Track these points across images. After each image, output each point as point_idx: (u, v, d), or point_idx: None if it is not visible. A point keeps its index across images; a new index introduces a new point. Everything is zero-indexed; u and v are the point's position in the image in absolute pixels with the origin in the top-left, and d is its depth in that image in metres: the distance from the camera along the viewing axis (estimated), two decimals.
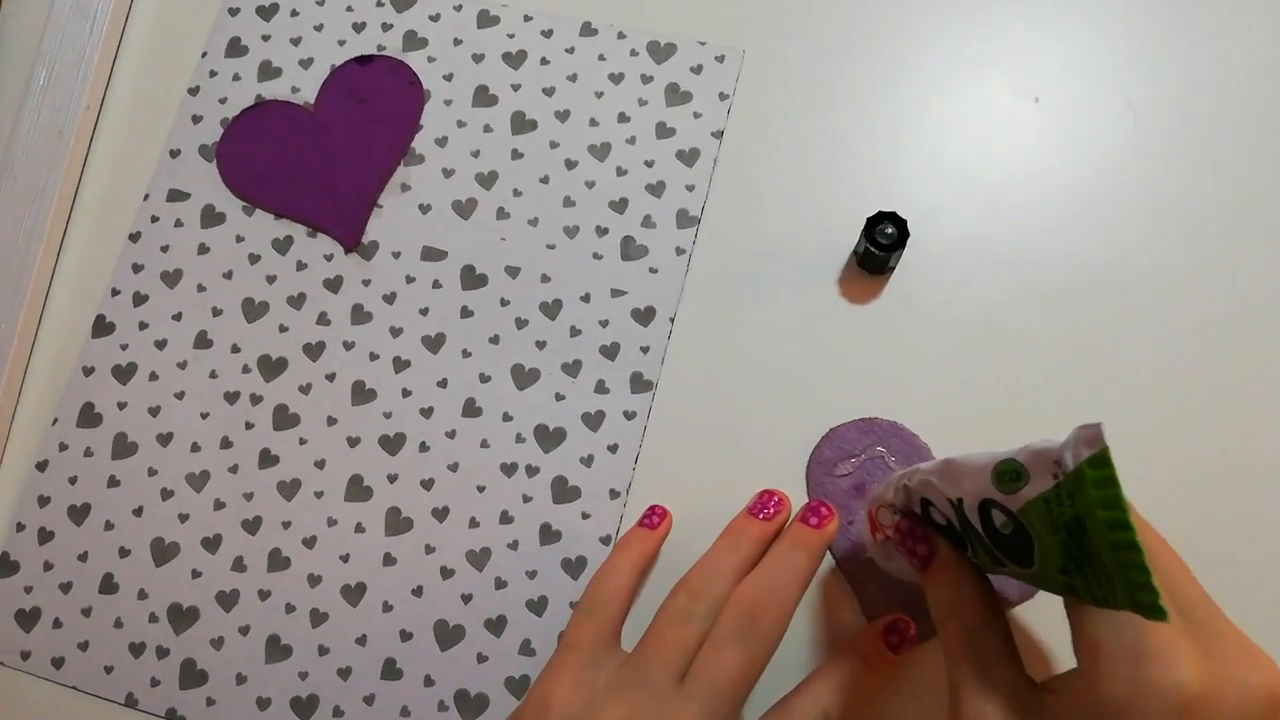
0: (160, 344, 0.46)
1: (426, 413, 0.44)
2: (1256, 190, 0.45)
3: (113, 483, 0.44)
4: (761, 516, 0.38)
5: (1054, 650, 0.39)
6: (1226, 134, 0.46)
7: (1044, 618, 0.39)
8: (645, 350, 0.44)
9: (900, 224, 0.42)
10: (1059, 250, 0.45)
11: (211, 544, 0.43)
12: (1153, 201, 0.45)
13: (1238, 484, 0.41)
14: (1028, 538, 0.27)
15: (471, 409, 0.44)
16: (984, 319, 0.44)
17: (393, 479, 0.43)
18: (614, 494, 0.43)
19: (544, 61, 0.49)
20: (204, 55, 0.50)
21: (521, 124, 0.48)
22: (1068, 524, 0.25)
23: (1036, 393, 0.43)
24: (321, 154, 0.48)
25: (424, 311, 0.45)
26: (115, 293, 0.47)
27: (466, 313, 0.45)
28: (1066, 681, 0.29)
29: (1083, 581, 0.26)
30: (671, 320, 0.45)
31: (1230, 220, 0.45)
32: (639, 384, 0.44)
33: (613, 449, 0.43)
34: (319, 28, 0.50)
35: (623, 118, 0.48)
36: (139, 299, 0.47)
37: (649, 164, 0.47)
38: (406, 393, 0.44)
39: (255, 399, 0.45)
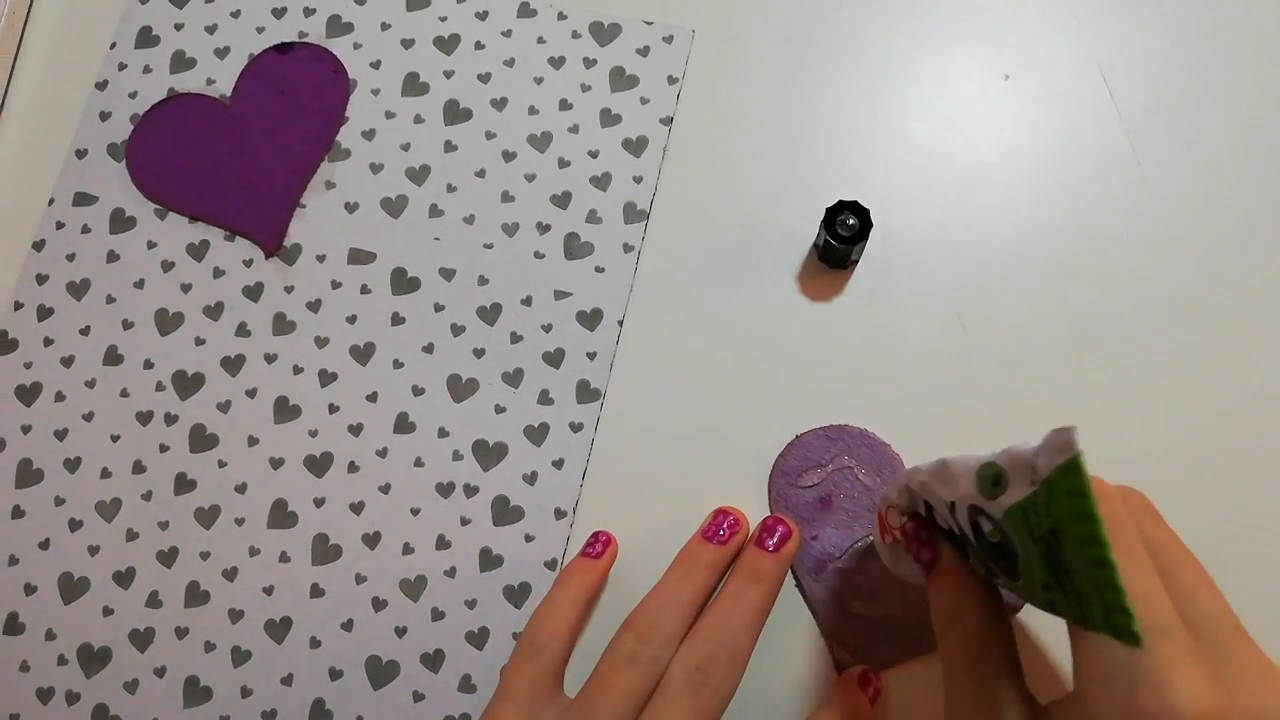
0: (67, 361, 0.42)
1: (355, 430, 0.41)
2: (1240, 164, 0.42)
3: (17, 513, 0.41)
4: (716, 541, 0.34)
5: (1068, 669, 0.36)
6: (1207, 105, 0.43)
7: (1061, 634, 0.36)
8: (592, 356, 0.41)
9: (862, 214, 0.39)
10: (1035, 236, 0.41)
11: (124, 578, 0.40)
12: (1133, 179, 0.42)
13: (1231, 475, 0.38)
14: (1014, 548, 0.25)
15: (404, 424, 0.41)
16: (956, 312, 0.41)
17: (319, 503, 0.40)
18: (560, 514, 0.39)
19: (479, 46, 0.45)
20: (113, 46, 0.46)
21: (455, 114, 0.44)
22: (1045, 535, 0.23)
23: (1017, 390, 0.40)
24: (239, 150, 0.44)
25: (351, 319, 0.42)
26: (18, 306, 0.43)
27: (398, 320, 0.42)
28: (1063, 705, 0.26)
29: (1064, 598, 0.24)
30: (620, 323, 0.41)
31: (1215, 198, 0.42)
32: (585, 393, 0.41)
33: (558, 465, 0.40)
34: (236, 14, 0.46)
35: (564, 105, 0.44)
36: (44, 312, 0.43)
37: (593, 154, 0.43)
38: (333, 408, 0.41)
39: (170, 419, 0.41)
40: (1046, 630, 0.36)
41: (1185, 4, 0.44)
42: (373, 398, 0.41)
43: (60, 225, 0.44)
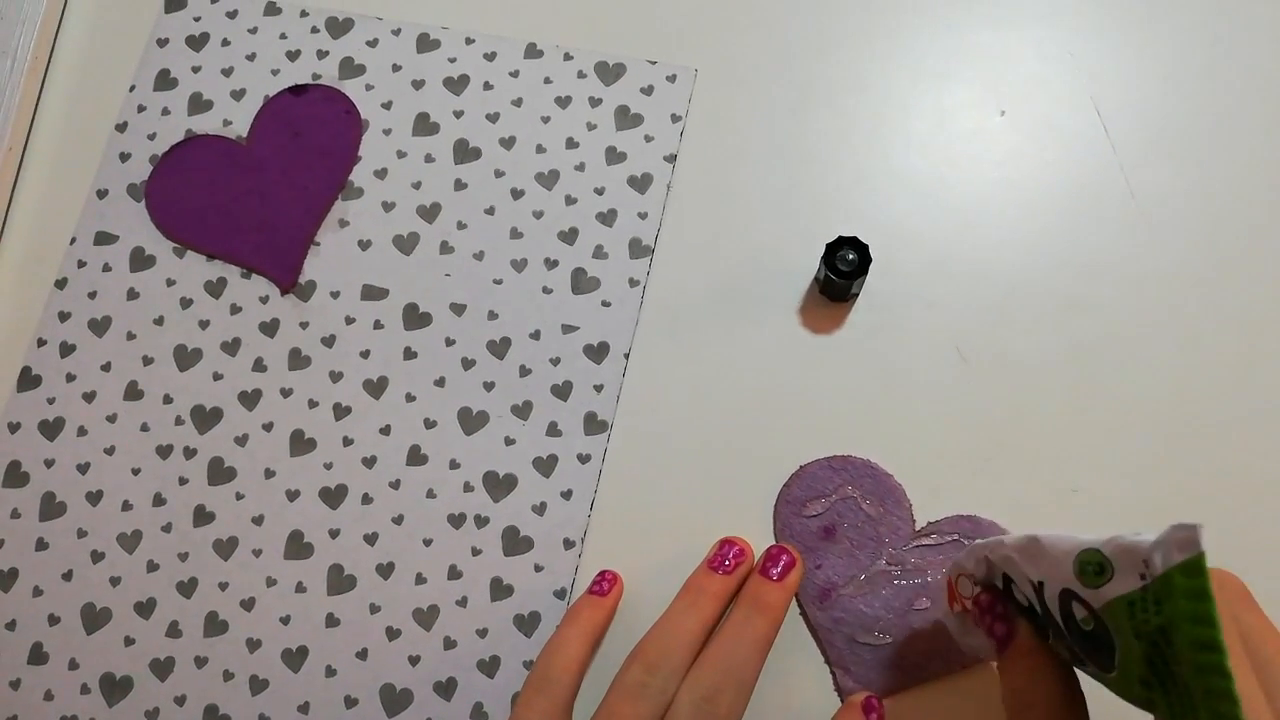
0: (89, 396, 0.43)
1: (369, 462, 0.42)
2: (1234, 195, 0.43)
3: (41, 545, 0.42)
4: (721, 570, 0.35)
5: None
6: (1200, 139, 0.44)
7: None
8: (599, 389, 0.42)
9: (862, 249, 0.40)
10: (1033, 268, 0.42)
11: (145, 608, 0.41)
12: (1128, 212, 0.43)
13: (1234, 505, 0.39)
14: (1110, 639, 0.24)
15: (416, 457, 0.42)
16: (955, 344, 0.42)
17: (334, 534, 0.41)
18: (568, 544, 0.40)
19: (487, 86, 0.46)
20: (132, 89, 0.48)
21: (465, 152, 0.45)
22: (1152, 633, 0.22)
23: (1017, 420, 0.41)
24: (255, 190, 0.46)
25: (365, 354, 0.43)
26: (41, 343, 0.44)
27: (410, 354, 0.43)
28: None
29: (1164, 699, 0.23)
30: (626, 356, 0.42)
31: (1209, 228, 0.42)
32: (593, 425, 0.42)
33: (566, 495, 0.41)
34: (251, 57, 0.48)
35: (571, 143, 0.45)
36: (66, 349, 0.44)
37: (599, 191, 0.44)
38: (348, 441, 0.42)
39: (189, 452, 0.42)
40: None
41: (1178, 38, 0.45)
42: (386, 431, 0.42)
43: (82, 264, 0.45)
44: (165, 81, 0.48)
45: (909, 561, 0.38)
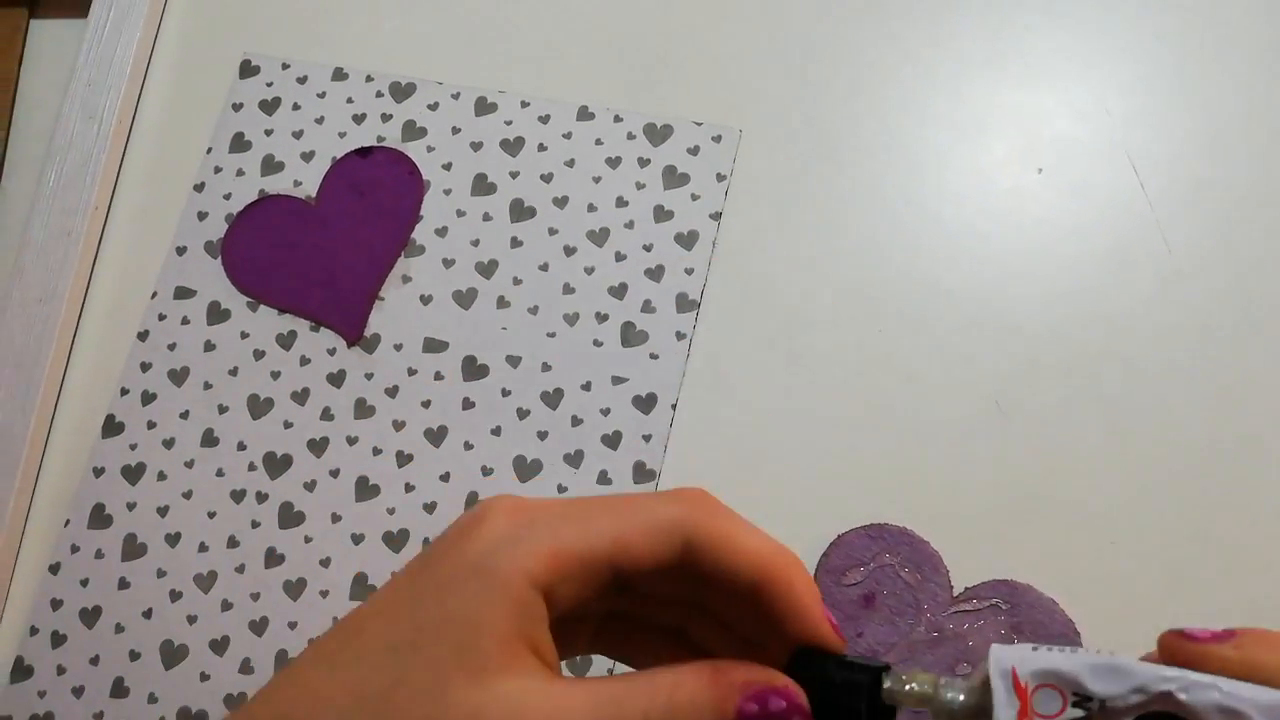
0: (168, 443, 0.46)
1: (429, 508, 0.44)
2: (1270, 251, 0.44)
3: (123, 584, 0.44)
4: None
5: None
6: (1237, 195, 0.44)
7: None
8: (647, 439, 0.44)
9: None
10: (1070, 322, 0.43)
11: (219, 646, 0.43)
12: (1165, 268, 0.44)
13: (1268, 563, 0.40)
14: None
15: (474, 503, 0.44)
16: (995, 399, 0.43)
17: None
18: None
19: (541, 147, 0.49)
20: (209, 151, 0.51)
21: (520, 211, 0.48)
22: None
23: (1050, 475, 0.42)
24: (323, 248, 0.48)
25: (426, 404, 0.45)
26: (124, 392, 0.47)
27: (468, 404, 0.45)
28: None
29: None
30: (673, 407, 0.44)
31: (1246, 284, 0.43)
32: (642, 474, 0.43)
33: None
34: (320, 120, 0.50)
35: (621, 202, 0.47)
36: (147, 398, 0.47)
37: (648, 248, 0.46)
38: (410, 487, 0.44)
39: (261, 497, 0.45)
40: None
41: (1213, 95, 0.46)
42: (445, 478, 0.44)
43: (162, 317, 0.48)
44: (240, 144, 0.51)
45: (948, 628, 0.39)
